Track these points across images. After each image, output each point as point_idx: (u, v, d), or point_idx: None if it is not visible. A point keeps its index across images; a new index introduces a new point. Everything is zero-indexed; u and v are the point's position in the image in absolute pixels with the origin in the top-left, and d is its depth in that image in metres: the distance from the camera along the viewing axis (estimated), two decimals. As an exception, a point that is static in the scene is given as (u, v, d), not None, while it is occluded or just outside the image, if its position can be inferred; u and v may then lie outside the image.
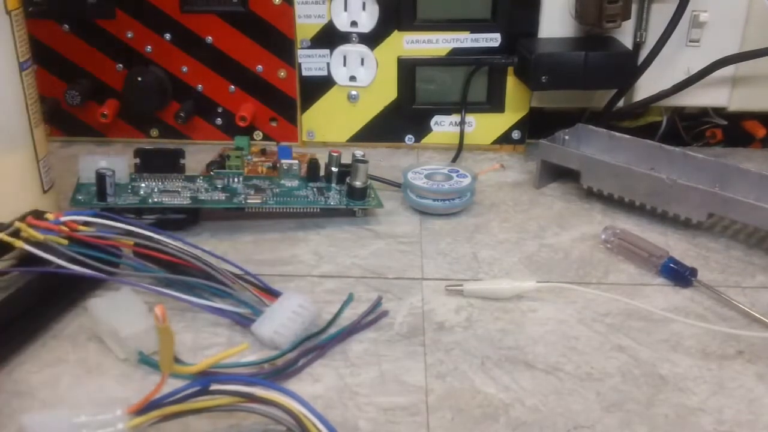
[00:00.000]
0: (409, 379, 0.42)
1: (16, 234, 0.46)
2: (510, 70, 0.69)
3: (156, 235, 0.47)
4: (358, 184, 0.58)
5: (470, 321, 0.47)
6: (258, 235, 0.57)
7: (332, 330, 0.45)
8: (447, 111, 0.71)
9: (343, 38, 0.69)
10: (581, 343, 0.45)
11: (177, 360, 0.43)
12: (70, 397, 0.40)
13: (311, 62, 0.70)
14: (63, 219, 0.47)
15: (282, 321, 0.44)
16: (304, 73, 0.70)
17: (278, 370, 0.41)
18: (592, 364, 0.43)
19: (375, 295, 0.49)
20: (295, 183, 0.60)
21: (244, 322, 0.45)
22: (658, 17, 0.67)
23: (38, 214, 0.47)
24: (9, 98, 0.50)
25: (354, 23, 0.68)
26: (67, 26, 0.69)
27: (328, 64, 0.70)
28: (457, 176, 0.61)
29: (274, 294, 0.46)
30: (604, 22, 0.64)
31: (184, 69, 0.70)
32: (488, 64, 0.69)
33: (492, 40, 0.69)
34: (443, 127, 0.72)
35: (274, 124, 0.72)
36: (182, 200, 0.56)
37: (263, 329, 0.44)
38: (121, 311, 0.43)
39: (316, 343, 0.44)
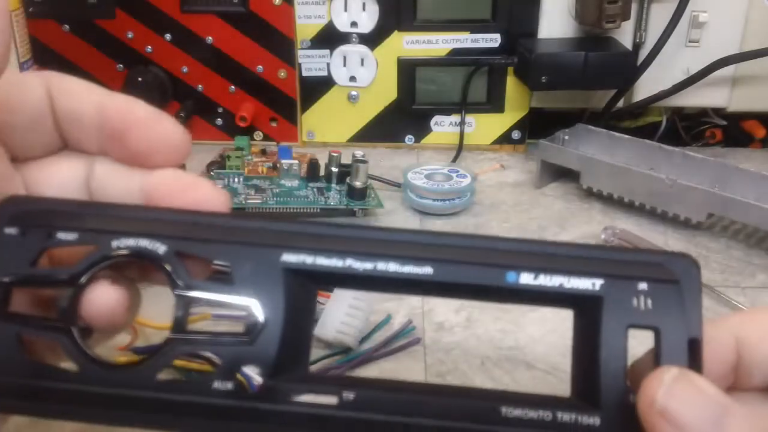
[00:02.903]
0: (409, 379, 0.42)
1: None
2: (510, 70, 0.69)
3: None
4: (358, 184, 0.58)
5: (470, 321, 0.47)
6: None
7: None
8: (447, 111, 0.71)
9: (343, 38, 0.69)
10: (581, 343, 0.45)
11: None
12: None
13: (311, 62, 0.70)
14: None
15: (342, 318, 0.43)
16: (304, 73, 0.70)
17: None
18: (592, 364, 0.43)
19: (376, 296, 0.49)
20: (295, 183, 0.60)
21: None
22: (658, 17, 0.67)
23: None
24: (9, 98, 0.50)
25: (354, 23, 0.68)
26: (67, 26, 0.69)
27: (328, 64, 0.70)
28: (457, 176, 0.61)
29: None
30: (603, 23, 0.64)
31: (184, 69, 0.70)
32: (488, 64, 0.69)
33: (492, 40, 0.69)
34: (443, 127, 0.72)
35: (274, 124, 0.72)
36: (182, 200, 0.56)
37: (325, 331, 0.43)
38: None
39: (330, 365, 0.42)
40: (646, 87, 0.70)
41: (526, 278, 0.23)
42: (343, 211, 0.59)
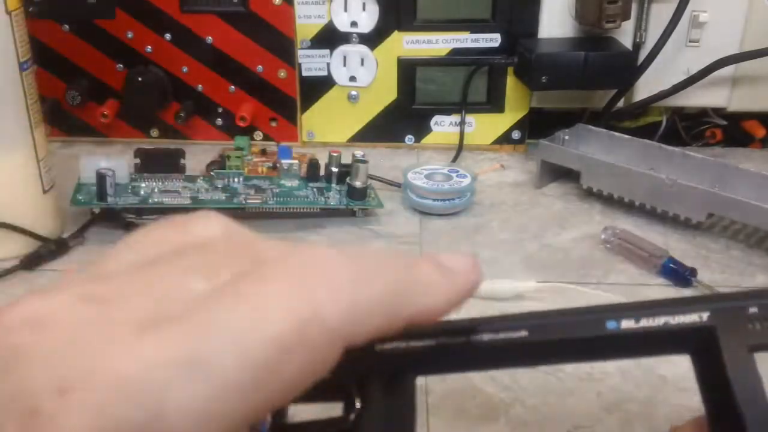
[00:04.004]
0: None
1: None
2: (510, 70, 0.69)
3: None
4: (358, 184, 0.58)
5: (470, 321, 0.47)
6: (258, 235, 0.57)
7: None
8: (447, 111, 0.71)
9: (343, 38, 0.69)
10: (581, 343, 0.45)
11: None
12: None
13: (311, 62, 0.70)
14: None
15: None
16: (304, 73, 0.70)
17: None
18: (592, 364, 0.43)
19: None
20: (295, 183, 0.60)
21: None
22: (658, 17, 0.67)
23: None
24: (9, 98, 0.50)
25: (354, 23, 0.68)
26: (67, 26, 0.69)
27: (328, 64, 0.70)
28: (457, 176, 0.61)
29: None
30: (603, 22, 0.64)
31: (184, 69, 0.70)
32: (488, 64, 0.69)
33: (492, 40, 0.69)
34: (443, 127, 0.72)
35: (274, 124, 0.72)
36: (182, 200, 0.56)
37: None
38: None
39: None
40: (646, 87, 0.70)
41: (628, 323, 0.22)
42: (343, 211, 0.59)
